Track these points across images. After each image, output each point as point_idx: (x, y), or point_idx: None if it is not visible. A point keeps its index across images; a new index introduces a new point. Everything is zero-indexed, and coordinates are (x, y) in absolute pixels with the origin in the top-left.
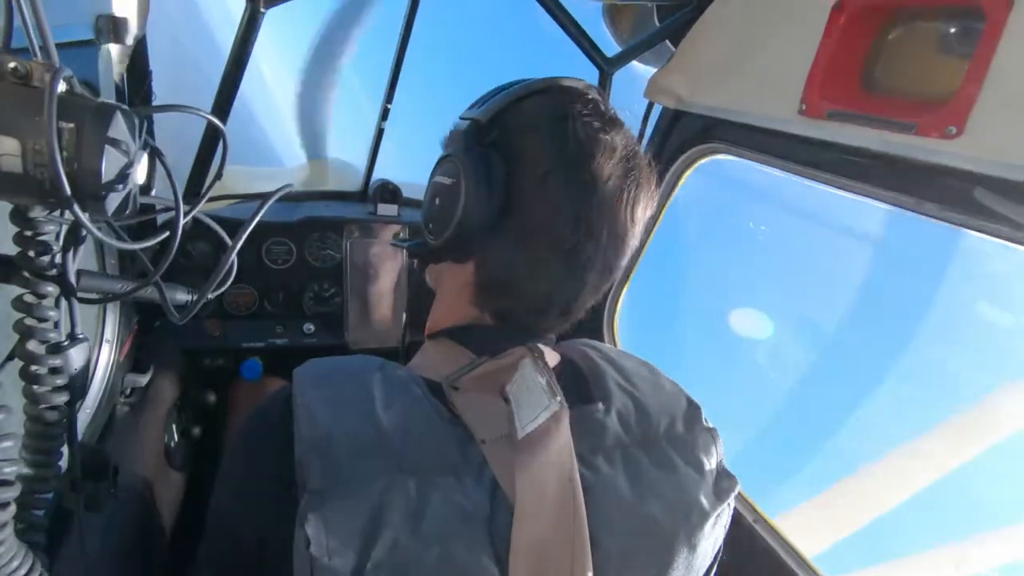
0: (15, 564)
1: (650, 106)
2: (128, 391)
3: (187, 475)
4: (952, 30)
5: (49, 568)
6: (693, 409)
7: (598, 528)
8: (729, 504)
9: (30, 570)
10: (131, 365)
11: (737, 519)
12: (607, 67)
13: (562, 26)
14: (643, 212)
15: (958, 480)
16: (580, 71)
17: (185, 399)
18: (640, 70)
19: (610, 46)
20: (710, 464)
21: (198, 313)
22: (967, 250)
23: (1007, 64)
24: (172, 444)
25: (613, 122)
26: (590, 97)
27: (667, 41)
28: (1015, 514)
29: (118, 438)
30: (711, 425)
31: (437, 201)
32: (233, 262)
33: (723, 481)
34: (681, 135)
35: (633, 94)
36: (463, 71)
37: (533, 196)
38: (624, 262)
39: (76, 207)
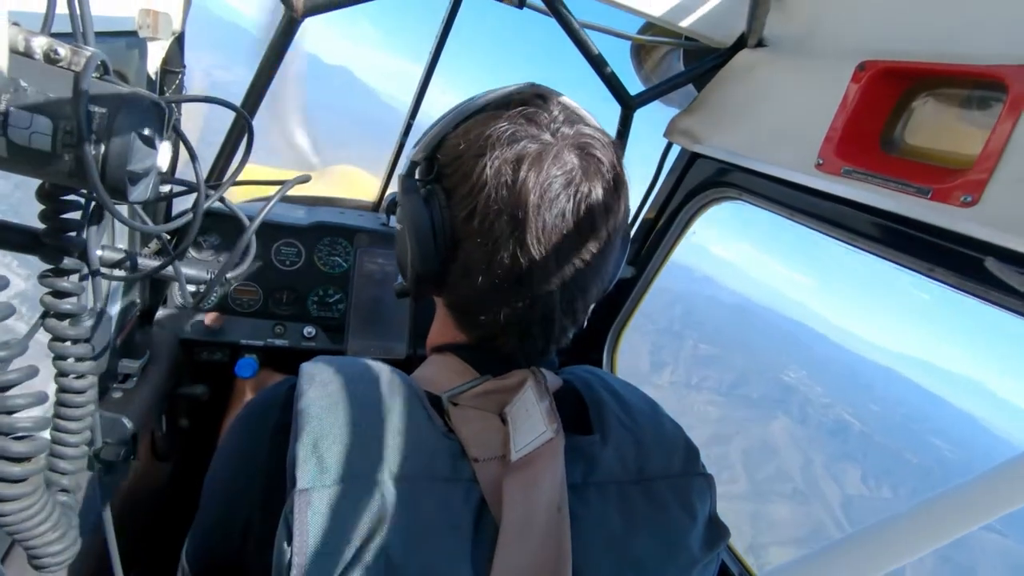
0: (50, 520)
1: (668, 146)
2: (121, 377)
3: (171, 466)
4: (974, 101)
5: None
6: (691, 452)
7: (583, 562)
8: (718, 555)
9: (67, 528)
10: (126, 351)
11: (724, 571)
12: (630, 104)
13: (589, 61)
14: (603, 222)
15: None
16: (604, 105)
17: (177, 390)
18: (662, 109)
19: (634, 84)
20: (703, 510)
21: (200, 306)
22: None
23: None
24: (159, 434)
25: (557, 131)
26: (523, 111)
27: (691, 84)
28: None
29: None
30: (707, 471)
31: (397, 246)
32: (252, 242)
33: (715, 530)
34: (696, 177)
35: (654, 131)
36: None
37: (468, 232)
38: (597, 278)
39: (101, 189)
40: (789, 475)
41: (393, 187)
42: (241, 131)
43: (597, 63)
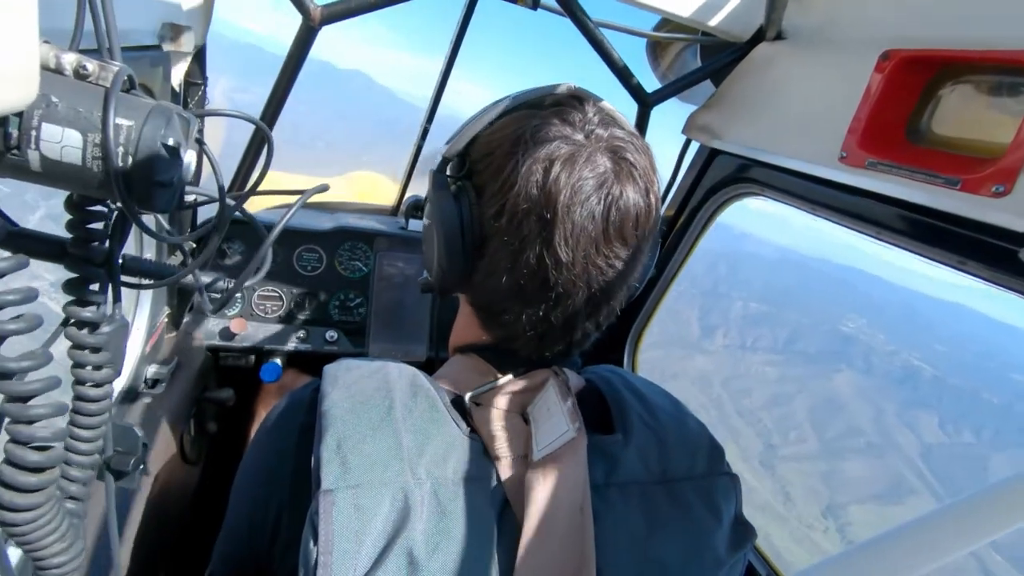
0: (58, 531)
1: (687, 143)
2: (151, 383)
3: (200, 469)
4: (1003, 87)
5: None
6: (715, 452)
7: (605, 562)
8: (745, 555)
9: (74, 539)
10: (155, 357)
11: (751, 572)
12: (647, 101)
13: (605, 59)
14: (633, 226)
15: None
16: (620, 104)
17: (204, 395)
18: (680, 105)
19: (651, 81)
20: (728, 511)
21: (225, 312)
22: None
23: None
24: (188, 438)
25: (591, 132)
26: (558, 111)
27: (708, 80)
28: None
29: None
30: (732, 471)
31: (424, 243)
32: (270, 251)
33: (741, 530)
34: (716, 174)
35: (672, 128)
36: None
37: (496, 230)
38: (624, 283)
39: (128, 200)
40: (860, 429)
41: (411, 191)
42: (261, 143)
43: (613, 61)
